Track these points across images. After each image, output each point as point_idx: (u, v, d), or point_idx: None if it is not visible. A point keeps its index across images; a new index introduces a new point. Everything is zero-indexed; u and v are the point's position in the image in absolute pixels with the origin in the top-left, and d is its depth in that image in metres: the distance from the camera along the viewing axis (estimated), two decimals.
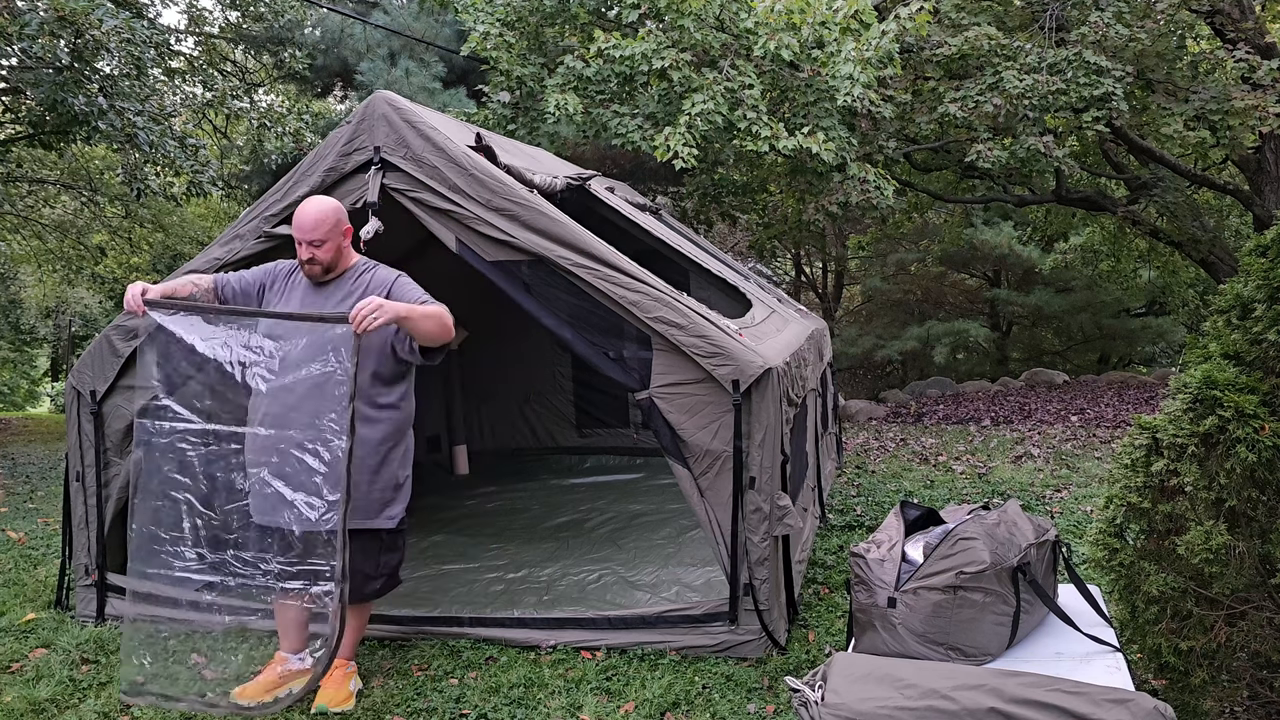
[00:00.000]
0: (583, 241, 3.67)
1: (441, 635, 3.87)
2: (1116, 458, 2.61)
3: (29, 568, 5.25)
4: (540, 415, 7.80)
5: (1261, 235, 2.39)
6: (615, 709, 3.22)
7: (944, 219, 15.35)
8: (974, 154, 8.43)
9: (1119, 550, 2.59)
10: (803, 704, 1.88)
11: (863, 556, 2.20)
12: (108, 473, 4.20)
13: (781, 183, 11.14)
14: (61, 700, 3.48)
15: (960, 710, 1.77)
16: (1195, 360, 2.44)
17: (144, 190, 9.99)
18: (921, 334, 13.77)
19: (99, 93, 8.14)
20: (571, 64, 7.68)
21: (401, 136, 3.84)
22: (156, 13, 11.95)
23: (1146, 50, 8.38)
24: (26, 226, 15.47)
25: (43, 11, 7.62)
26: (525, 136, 8.48)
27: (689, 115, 7.14)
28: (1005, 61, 8.42)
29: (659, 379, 3.60)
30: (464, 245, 3.85)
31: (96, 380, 4.19)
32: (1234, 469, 2.24)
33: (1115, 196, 12.19)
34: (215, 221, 17.48)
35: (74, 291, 21.40)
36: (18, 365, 26.50)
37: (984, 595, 2.07)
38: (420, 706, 3.30)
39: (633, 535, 5.23)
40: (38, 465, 9.42)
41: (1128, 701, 1.74)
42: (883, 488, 6.43)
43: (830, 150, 7.37)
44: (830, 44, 7.45)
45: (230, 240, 4.08)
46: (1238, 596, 2.35)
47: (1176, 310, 16.25)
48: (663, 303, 3.56)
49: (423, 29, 11.90)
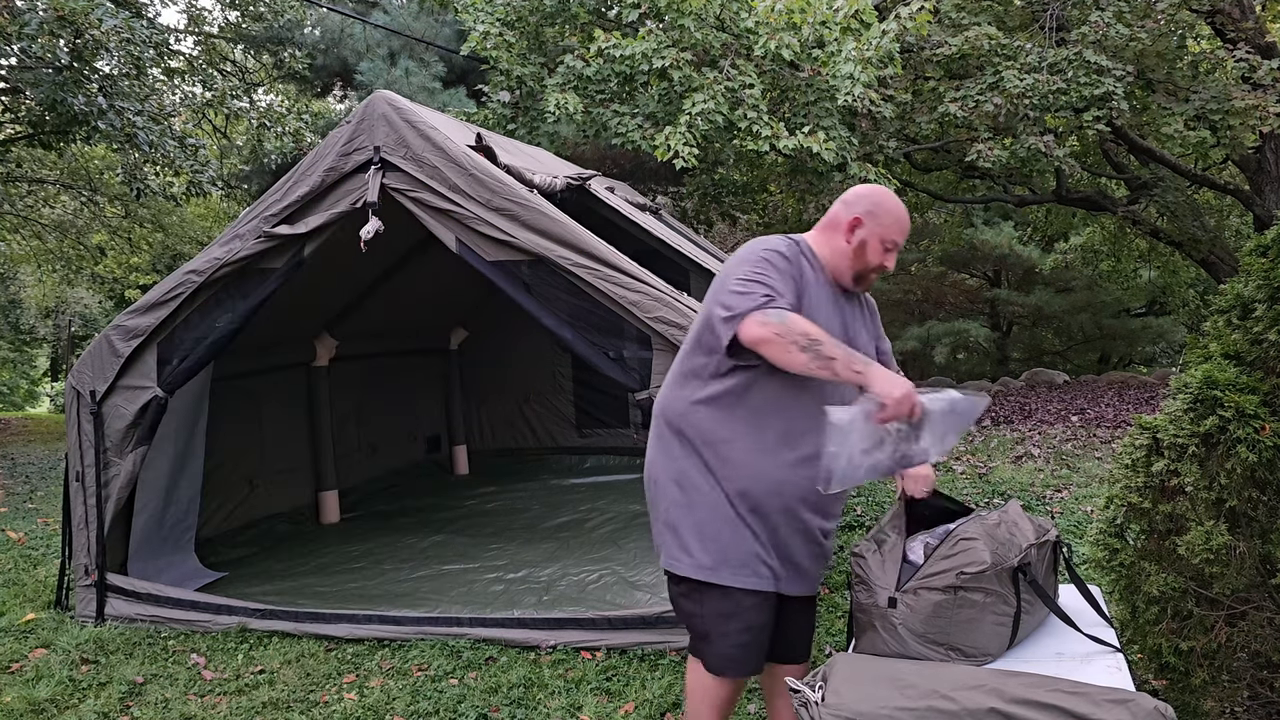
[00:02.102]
0: (583, 241, 3.67)
1: (441, 635, 3.86)
2: (1117, 458, 2.60)
3: (29, 568, 5.25)
4: (540, 415, 7.80)
5: (1262, 235, 2.39)
6: (615, 709, 3.22)
7: (944, 219, 15.36)
8: (974, 154, 8.42)
9: (1119, 550, 2.59)
10: (803, 704, 1.88)
11: (863, 557, 2.20)
12: (107, 473, 4.20)
13: (782, 182, 11.14)
14: (61, 700, 3.47)
15: (961, 710, 1.77)
16: (1196, 360, 2.43)
17: (144, 190, 10.01)
18: (922, 334, 13.77)
19: (99, 92, 8.14)
20: (571, 63, 7.68)
21: (401, 136, 3.84)
22: (156, 12, 11.97)
23: (1147, 50, 8.38)
24: (26, 226, 15.47)
25: (42, 11, 7.62)
26: (525, 136, 8.48)
27: (689, 115, 7.14)
28: (1005, 61, 8.41)
29: (659, 379, 3.60)
30: (464, 245, 3.85)
31: (96, 380, 4.19)
32: (1234, 469, 2.24)
33: (1115, 196, 12.20)
34: (215, 221, 17.48)
35: (74, 291, 21.41)
36: (17, 365, 26.51)
37: (984, 595, 2.06)
38: (420, 707, 3.30)
39: (633, 535, 5.22)
40: (37, 465, 9.42)
41: (1128, 702, 1.74)
42: (883, 488, 6.43)
43: (831, 150, 7.37)
44: (831, 43, 7.45)
45: (230, 240, 4.08)
46: (1238, 597, 2.34)
47: (1177, 310, 16.25)
48: (663, 303, 3.56)
49: (423, 29, 11.90)
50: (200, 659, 3.80)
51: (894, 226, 2.30)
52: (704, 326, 2.24)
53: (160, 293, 4.13)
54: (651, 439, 2.39)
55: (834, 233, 2.32)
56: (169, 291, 4.11)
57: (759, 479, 2.21)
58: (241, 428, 5.61)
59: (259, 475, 5.74)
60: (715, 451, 2.23)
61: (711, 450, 2.23)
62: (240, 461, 5.59)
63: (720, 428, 2.22)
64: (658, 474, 2.35)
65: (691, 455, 2.26)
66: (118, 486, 4.18)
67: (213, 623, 4.12)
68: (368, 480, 6.78)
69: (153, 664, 3.77)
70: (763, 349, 2.07)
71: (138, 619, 4.20)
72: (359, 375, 6.76)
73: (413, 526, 5.78)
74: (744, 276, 2.15)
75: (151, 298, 4.15)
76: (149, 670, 3.70)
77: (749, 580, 2.22)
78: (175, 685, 3.57)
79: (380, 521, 6.01)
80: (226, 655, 3.84)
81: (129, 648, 3.93)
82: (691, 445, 2.26)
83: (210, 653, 3.87)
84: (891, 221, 2.29)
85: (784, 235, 2.32)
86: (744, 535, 2.21)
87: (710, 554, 2.21)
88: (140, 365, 4.17)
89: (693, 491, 2.25)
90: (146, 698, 3.48)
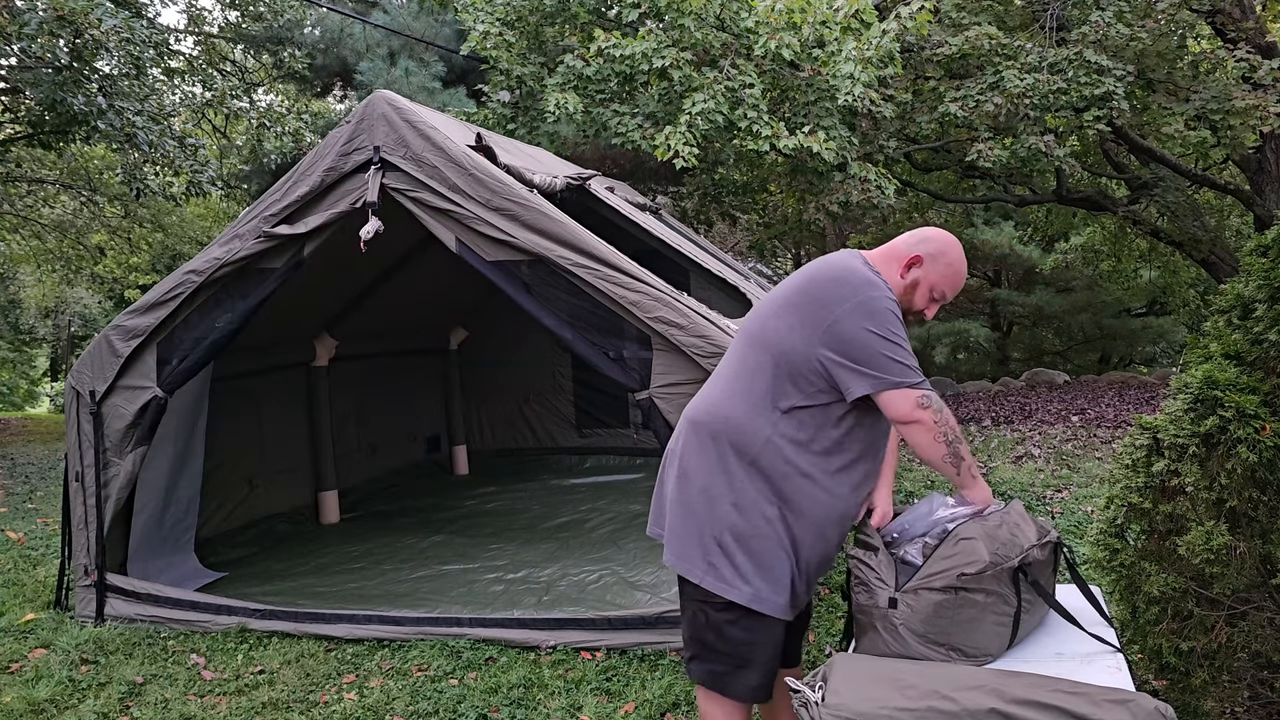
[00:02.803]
0: (583, 241, 3.67)
1: (441, 635, 3.86)
2: (1117, 458, 2.60)
3: (28, 568, 5.24)
4: (540, 415, 7.80)
5: (1262, 235, 2.38)
6: (615, 709, 3.22)
7: (944, 219, 15.34)
8: (974, 153, 8.42)
9: (1120, 551, 2.58)
10: (803, 704, 1.88)
11: (861, 558, 2.19)
12: (107, 473, 4.20)
13: (782, 182, 11.13)
14: (61, 700, 3.47)
15: (961, 711, 1.77)
16: (1196, 360, 2.43)
17: (143, 190, 10.01)
18: (922, 334, 13.76)
19: (98, 92, 8.14)
20: (571, 63, 7.67)
21: (401, 136, 3.84)
22: (156, 12, 11.96)
23: (1147, 50, 8.38)
24: (26, 226, 15.47)
25: (42, 11, 7.62)
26: (525, 136, 8.47)
27: (689, 114, 7.13)
28: (1006, 61, 8.41)
29: (659, 379, 3.59)
30: (464, 245, 3.84)
31: (96, 380, 4.19)
32: (1235, 469, 2.23)
33: (1116, 196, 12.19)
34: (215, 221, 17.48)
35: (73, 291, 21.41)
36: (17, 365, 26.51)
37: (985, 595, 2.06)
38: (420, 707, 3.30)
39: (633, 535, 5.22)
40: (37, 465, 9.42)
41: (1128, 702, 1.74)
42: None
43: (831, 149, 7.37)
44: (831, 43, 7.44)
45: (230, 240, 4.08)
46: (1238, 597, 2.34)
47: (1177, 310, 16.25)
48: (663, 303, 3.55)
49: (422, 29, 11.90)
50: (200, 659, 3.80)
51: (949, 278, 2.26)
52: (807, 367, 2.14)
53: (160, 293, 4.13)
54: (697, 449, 2.27)
55: (892, 264, 2.26)
56: (169, 291, 4.11)
57: (831, 510, 2.19)
58: (241, 428, 5.61)
59: (259, 475, 5.74)
60: (791, 484, 2.18)
61: (787, 483, 2.18)
62: (240, 461, 5.59)
63: (803, 462, 2.17)
64: (711, 488, 2.23)
65: (760, 482, 2.19)
66: (117, 487, 4.18)
67: (212, 623, 4.12)
68: (367, 480, 6.78)
69: (152, 664, 3.77)
70: (909, 429, 2.08)
71: (137, 619, 4.19)
72: (359, 375, 6.75)
73: (413, 526, 5.78)
74: (888, 337, 2.08)
75: (151, 298, 4.15)
76: (149, 670, 3.70)
77: (792, 613, 2.22)
78: (175, 685, 3.57)
79: (380, 521, 6.01)
80: (226, 655, 3.83)
81: (129, 648, 3.93)
82: (761, 472, 2.19)
83: (210, 653, 3.87)
84: (949, 272, 2.26)
85: (865, 264, 2.22)
86: (793, 565, 2.20)
87: (767, 584, 2.18)
88: (140, 365, 4.17)
89: (756, 519, 2.18)
90: (146, 698, 3.47)
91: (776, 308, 2.21)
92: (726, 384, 2.27)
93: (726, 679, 2.24)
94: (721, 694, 2.25)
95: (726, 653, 2.23)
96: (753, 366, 2.22)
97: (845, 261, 2.20)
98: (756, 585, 2.17)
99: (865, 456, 2.23)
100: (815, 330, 2.12)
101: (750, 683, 2.23)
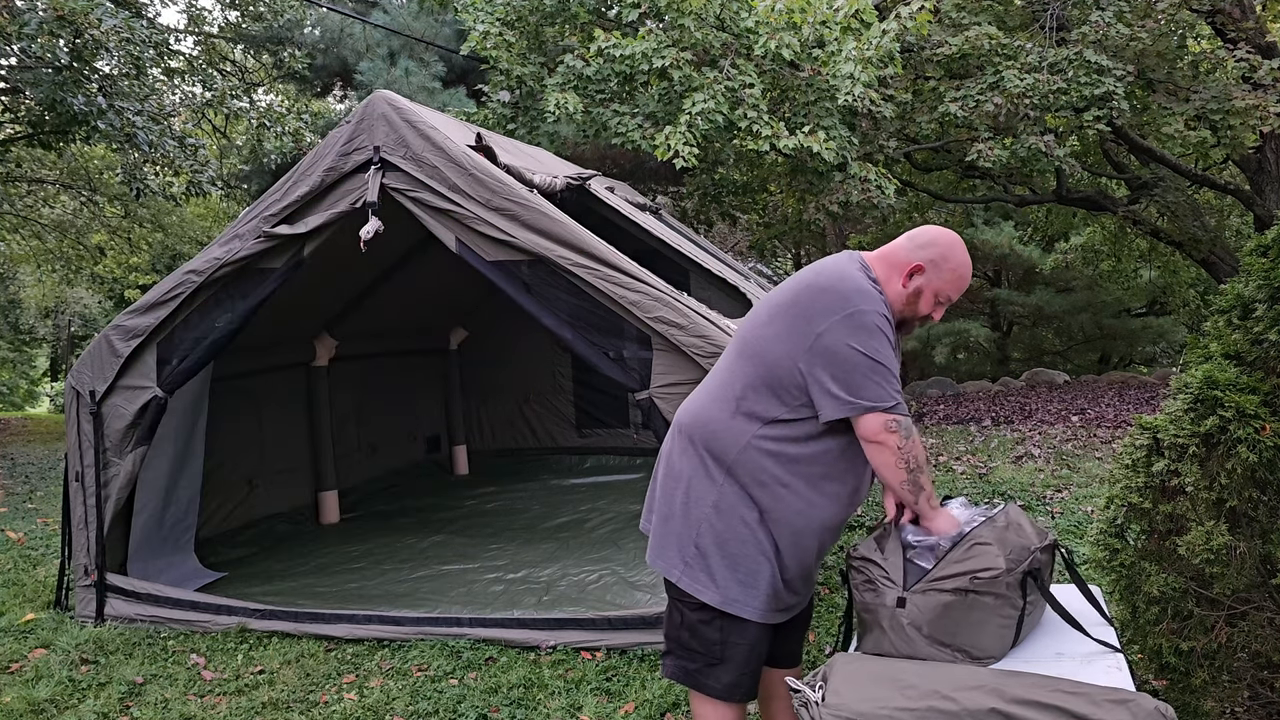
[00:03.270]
0: (583, 241, 3.67)
1: (441, 635, 3.86)
2: (1117, 458, 2.60)
3: (28, 568, 5.24)
4: (540, 415, 7.80)
5: (1262, 235, 2.38)
6: (615, 709, 3.22)
7: (945, 219, 15.34)
8: (974, 153, 8.42)
9: (1120, 550, 2.58)
10: (803, 704, 1.88)
11: (869, 557, 2.19)
12: (107, 473, 4.20)
13: (782, 182, 11.13)
14: (61, 700, 3.47)
15: (961, 711, 1.77)
16: (1196, 360, 2.43)
17: (143, 190, 10.00)
18: (922, 334, 13.76)
19: (98, 92, 8.15)
20: (571, 63, 7.67)
21: (401, 136, 3.84)
22: (156, 12, 11.97)
23: (1147, 50, 8.38)
24: (26, 226, 15.47)
25: (42, 11, 7.62)
26: (525, 136, 8.47)
27: (689, 114, 7.13)
28: (1006, 61, 8.41)
29: (659, 379, 3.59)
30: (464, 245, 3.84)
31: (96, 380, 4.19)
32: (1235, 469, 2.23)
33: (1116, 196, 12.19)
34: (215, 221, 17.48)
35: (73, 291, 21.42)
36: (17, 365, 26.51)
37: (995, 599, 2.06)
38: (420, 707, 3.30)
39: (633, 535, 5.22)
40: (37, 465, 9.42)
41: (1128, 702, 1.74)
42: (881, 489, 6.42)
43: (831, 149, 7.37)
44: (831, 43, 7.44)
45: (230, 240, 4.08)
46: (1238, 597, 2.34)
47: (1177, 310, 16.24)
48: (663, 303, 3.55)
49: (423, 29, 11.90)
50: (200, 659, 3.80)
51: (953, 282, 2.23)
52: (790, 380, 2.13)
53: (160, 293, 4.13)
54: (681, 452, 2.28)
55: (894, 273, 2.23)
56: (168, 291, 4.11)
57: (810, 519, 2.19)
58: (241, 428, 5.61)
59: (259, 475, 5.73)
60: (769, 492, 2.17)
61: (765, 490, 2.17)
62: (240, 461, 5.59)
63: (781, 472, 2.17)
64: (693, 490, 2.24)
65: (736, 487, 2.19)
66: (117, 487, 4.18)
67: (212, 623, 4.12)
68: (367, 480, 6.78)
69: (152, 664, 3.77)
70: (871, 448, 2.09)
71: (137, 619, 4.19)
72: (359, 375, 6.75)
73: (413, 526, 5.78)
74: (871, 355, 2.06)
75: (151, 298, 4.15)
76: (149, 670, 3.70)
77: (773, 616, 2.22)
78: (175, 685, 3.57)
79: (380, 521, 6.01)
80: (226, 655, 3.83)
81: (129, 648, 3.93)
82: (737, 480, 2.19)
83: (210, 653, 3.87)
84: (953, 277, 2.23)
85: (862, 270, 2.19)
86: (774, 571, 2.19)
87: (742, 587, 2.18)
88: (140, 365, 4.17)
89: (734, 523, 2.18)
90: (146, 698, 3.47)
91: (768, 315, 2.21)
92: (713, 389, 2.28)
93: (699, 675, 2.26)
94: (695, 690, 2.27)
95: (700, 651, 2.25)
96: (738, 374, 2.22)
97: (841, 269, 2.18)
98: (729, 588, 2.18)
99: (847, 470, 2.22)
100: (801, 343, 2.12)
101: (724, 680, 2.23)
